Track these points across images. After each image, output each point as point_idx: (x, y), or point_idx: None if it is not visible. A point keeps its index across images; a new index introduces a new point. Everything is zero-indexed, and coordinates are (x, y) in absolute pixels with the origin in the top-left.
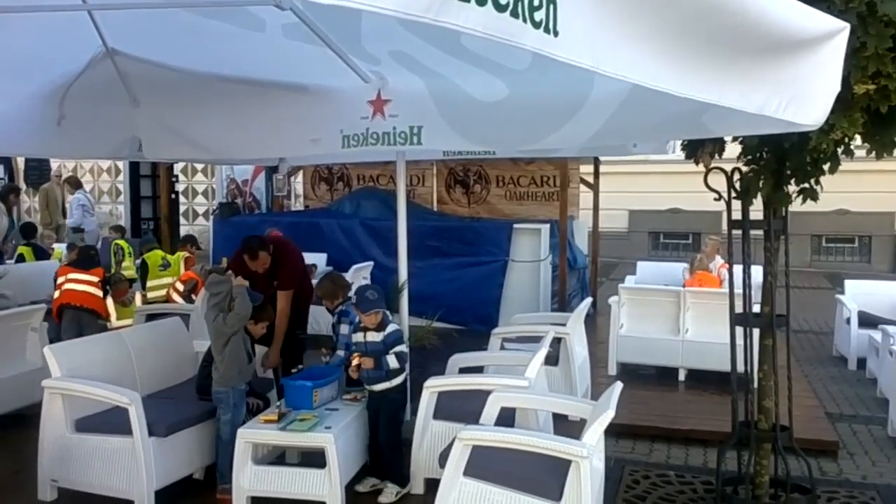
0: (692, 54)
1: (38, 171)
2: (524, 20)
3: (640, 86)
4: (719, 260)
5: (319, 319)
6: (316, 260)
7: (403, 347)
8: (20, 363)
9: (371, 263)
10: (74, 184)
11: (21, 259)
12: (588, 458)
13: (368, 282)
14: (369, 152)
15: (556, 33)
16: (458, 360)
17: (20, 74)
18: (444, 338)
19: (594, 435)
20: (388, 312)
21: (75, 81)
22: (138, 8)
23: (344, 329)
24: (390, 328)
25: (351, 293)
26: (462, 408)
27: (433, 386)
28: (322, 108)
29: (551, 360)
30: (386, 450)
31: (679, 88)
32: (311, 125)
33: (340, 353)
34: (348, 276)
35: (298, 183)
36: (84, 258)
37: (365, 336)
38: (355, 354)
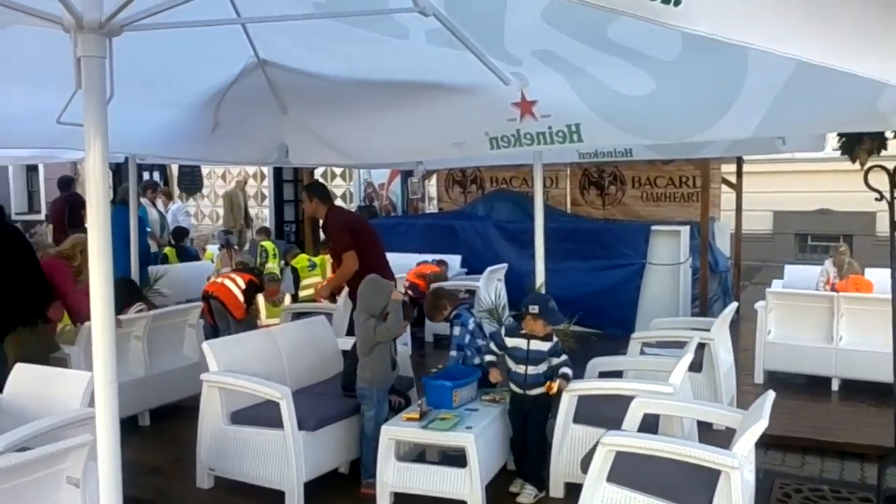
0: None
1: (191, 177)
2: None
3: (800, 72)
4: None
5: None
6: (450, 261)
7: (566, 356)
8: (178, 358)
9: (505, 266)
10: (168, 195)
11: (164, 260)
12: (739, 469)
13: (503, 284)
14: (513, 154)
15: (676, 3)
16: (598, 363)
17: (179, 85)
18: (581, 341)
19: (746, 445)
20: None
21: (228, 91)
22: (288, 20)
23: (456, 331)
24: (555, 338)
25: (464, 295)
26: (603, 412)
27: (574, 389)
28: (465, 112)
29: (695, 366)
30: (532, 452)
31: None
32: (455, 128)
33: (453, 353)
34: (483, 278)
35: (432, 186)
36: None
37: (528, 344)
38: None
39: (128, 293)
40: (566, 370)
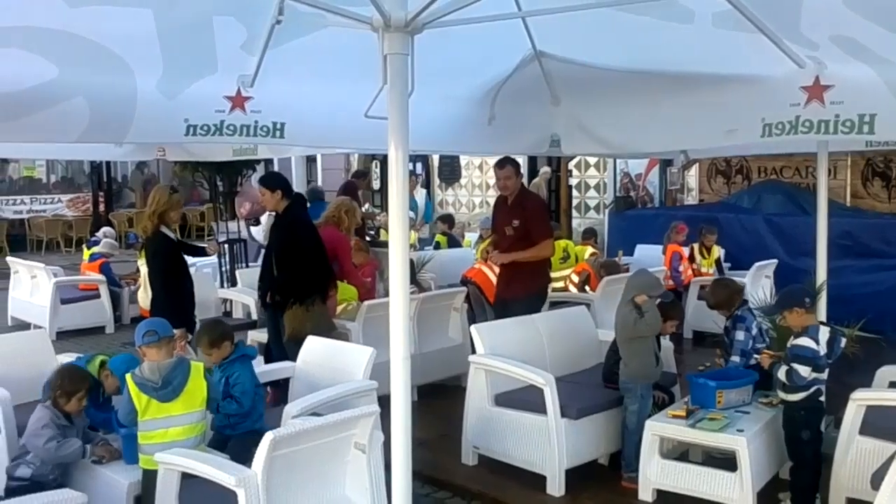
0: None
1: (450, 168)
2: None
3: None
4: None
5: (717, 320)
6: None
7: None
8: (443, 339)
9: (774, 262)
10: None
11: (437, 246)
12: None
13: (771, 281)
14: (786, 142)
15: None
16: (889, 372)
17: (456, 79)
18: (866, 346)
19: None
20: None
21: (505, 83)
22: (570, 11)
23: (740, 335)
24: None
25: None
26: (894, 425)
27: (861, 399)
28: (743, 97)
29: None
30: (799, 463)
31: None
32: (729, 115)
33: (736, 359)
34: (749, 274)
35: (692, 176)
36: None
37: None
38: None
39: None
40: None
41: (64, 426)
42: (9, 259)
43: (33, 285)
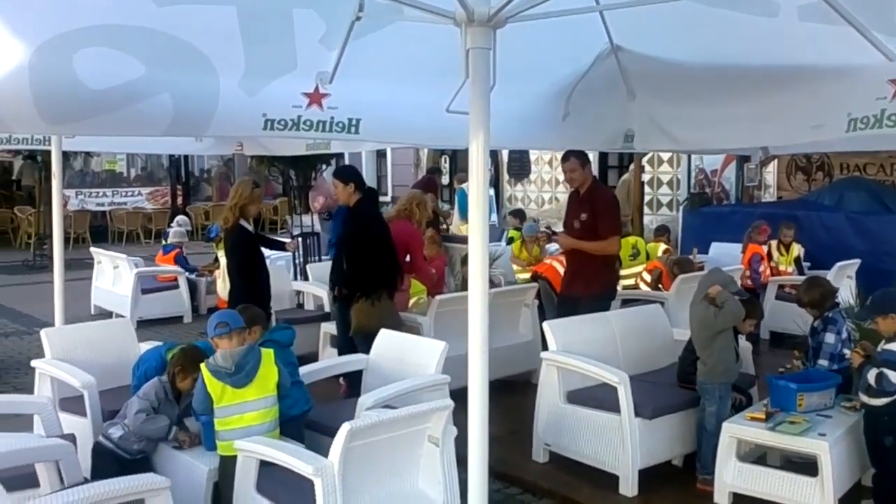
0: None
1: (519, 163)
2: None
3: None
4: None
5: (797, 320)
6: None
7: None
8: (514, 335)
9: (857, 262)
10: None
11: (511, 241)
12: None
13: (853, 282)
14: (873, 138)
15: None
16: None
17: (530, 76)
18: None
19: None
20: None
21: (582, 78)
22: (648, 4)
23: (829, 338)
24: None
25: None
26: None
27: None
28: (829, 91)
29: None
30: (884, 472)
31: None
32: (814, 110)
33: (823, 362)
34: (831, 274)
35: (769, 173)
36: None
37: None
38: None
39: None
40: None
41: (168, 402)
42: (92, 249)
43: (115, 275)
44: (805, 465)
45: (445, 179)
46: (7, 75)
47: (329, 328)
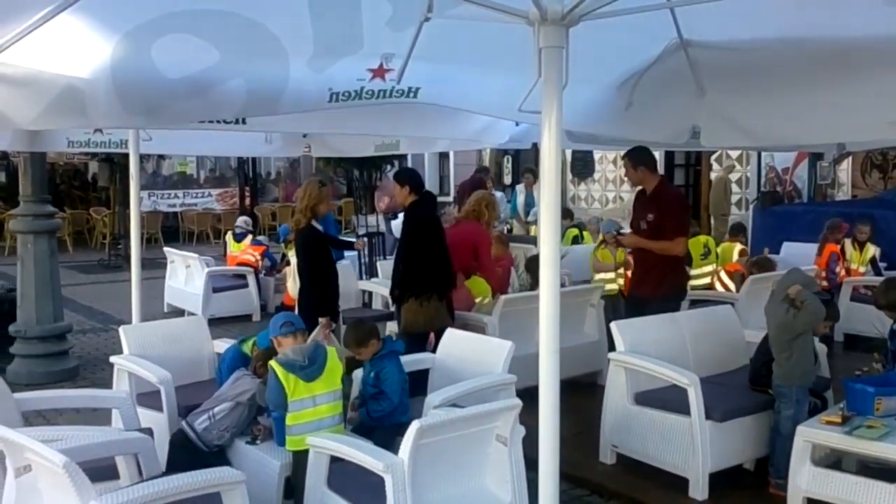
0: None
1: (583, 162)
2: None
3: None
4: None
5: (874, 322)
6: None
7: None
8: (580, 335)
9: None
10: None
11: (576, 241)
12: None
13: None
14: None
15: None
16: None
17: (594, 66)
18: None
19: None
20: None
21: (647, 71)
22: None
23: None
24: None
25: None
26: None
27: None
28: None
29: None
30: None
31: None
32: (893, 104)
33: None
34: None
35: (843, 170)
36: None
37: None
38: None
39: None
40: None
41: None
42: (166, 249)
43: (187, 275)
44: (882, 471)
45: (509, 178)
46: (91, 70)
47: (394, 327)
